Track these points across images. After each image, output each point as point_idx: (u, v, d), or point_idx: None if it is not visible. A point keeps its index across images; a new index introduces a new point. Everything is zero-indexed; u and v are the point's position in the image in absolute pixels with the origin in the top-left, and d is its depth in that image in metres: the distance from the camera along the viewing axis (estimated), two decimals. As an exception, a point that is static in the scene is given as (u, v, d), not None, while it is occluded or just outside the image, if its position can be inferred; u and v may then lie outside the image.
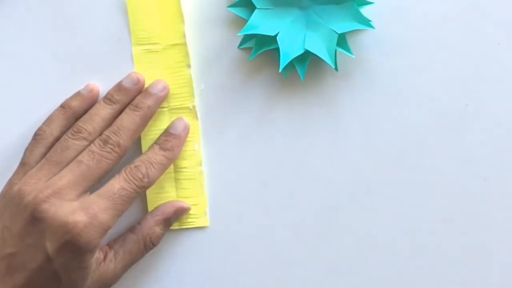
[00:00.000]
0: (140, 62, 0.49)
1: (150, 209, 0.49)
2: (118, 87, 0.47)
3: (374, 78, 0.48)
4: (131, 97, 0.47)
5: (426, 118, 0.48)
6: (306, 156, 0.48)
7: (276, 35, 0.46)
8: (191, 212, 0.49)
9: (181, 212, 0.48)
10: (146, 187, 0.45)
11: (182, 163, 0.49)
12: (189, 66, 0.49)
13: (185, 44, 0.49)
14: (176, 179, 0.49)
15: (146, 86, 0.48)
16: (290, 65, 0.47)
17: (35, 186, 0.43)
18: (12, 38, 0.49)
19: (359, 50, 0.48)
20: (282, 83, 0.48)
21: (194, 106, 0.49)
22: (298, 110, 0.48)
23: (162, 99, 0.48)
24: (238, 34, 0.47)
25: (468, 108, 0.47)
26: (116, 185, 0.44)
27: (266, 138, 0.49)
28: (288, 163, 0.48)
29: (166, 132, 0.48)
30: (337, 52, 0.47)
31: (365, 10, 0.47)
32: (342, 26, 0.46)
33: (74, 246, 0.42)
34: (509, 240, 0.48)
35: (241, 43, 0.48)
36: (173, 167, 0.48)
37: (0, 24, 0.49)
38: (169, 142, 0.47)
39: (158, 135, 0.48)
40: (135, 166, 0.45)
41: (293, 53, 0.46)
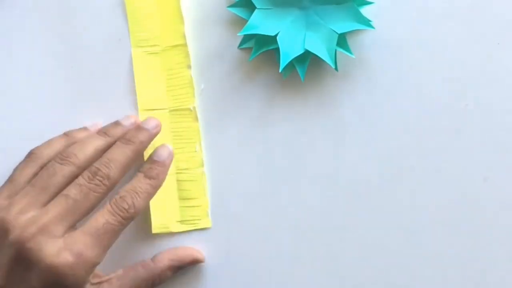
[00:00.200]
0: (139, 64, 0.49)
1: (153, 212, 0.48)
2: (115, 124, 0.47)
3: (374, 78, 0.48)
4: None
5: (426, 118, 0.48)
6: (306, 156, 0.48)
7: (276, 35, 0.46)
8: (194, 213, 0.49)
9: (195, 262, 0.48)
10: (132, 218, 0.43)
11: (184, 165, 0.49)
12: (189, 67, 0.49)
13: (185, 45, 0.48)
14: (178, 181, 0.49)
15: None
16: (290, 65, 0.47)
17: (19, 221, 0.42)
18: (12, 38, 0.49)
19: (359, 50, 0.48)
20: (282, 83, 0.48)
21: (195, 108, 0.49)
22: (298, 110, 0.48)
23: (154, 136, 0.47)
24: (238, 34, 0.47)
25: (468, 108, 0.47)
26: (100, 219, 0.42)
27: (266, 138, 0.49)
28: (288, 163, 0.48)
29: (150, 159, 0.46)
30: (337, 52, 0.47)
31: (365, 10, 0.47)
32: (342, 26, 0.46)
33: (61, 287, 0.41)
34: (509, 240, 0.48)
35: (241, 43, 0.48)
36: (174, 169, 0.48)
37: (0, 24, 0.49)
38: (153, 169, 0.45)
39: (158, 138, 0.47)
40: (120, 197, 0.43)
41: (293, 53, 0.46)
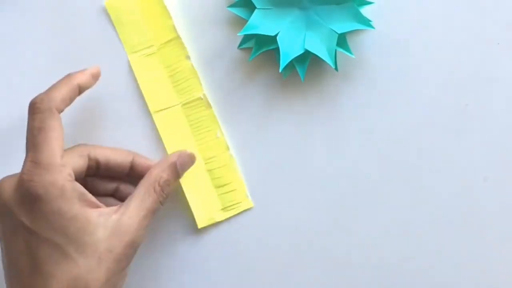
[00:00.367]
0: (139, 69, 0.49)
1: (194, 207, 0.49)
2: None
3: (374, 78, 0.48)
4: None
5: (426, 118, 0.48)
6: (306, 156, 0.48)
7: (276, 35, 0.46)
8: (233, 198, 0.49)
9: (184, 156, 0.47)
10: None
11: (210, 153, 0.49)
12: (188, 58, 0.49)
13: (178, 37, 0.48)
14: (208, 171, 0.49)
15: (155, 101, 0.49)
16: (290, 65, 0.47)
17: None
18: (12, 38, 0.49)
19: (359, 50, 0.48)
20: (282, 83, 0.48)
21: (205, 95, 0.49)
22: (298, 110, 0.48)
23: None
24: (238, 34, 0.47)
25: (468, 108, 0.47)
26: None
27: (266, 138, 0.49)
28: (288, 163, 0.48)
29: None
30: (337, 52, 0.47)
31: (365, 10, 0.47)
32: (342, 26, 0.46)
33: None
34: (509, 239, 0.48)
35: (241, 43, 0.48)
36: (202, 160, 0.49)
37: (0, 24, 0.49)
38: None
39: (177, 134, 0.48)
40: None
41: (293, 53, 0.46)
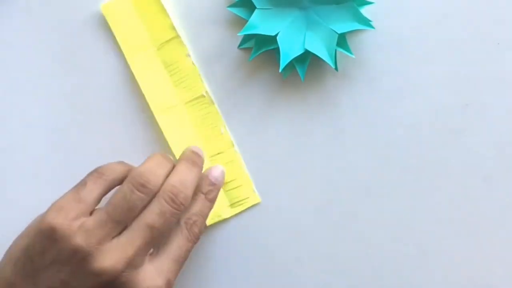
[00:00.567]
0: (139, 70, 0.48)
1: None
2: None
3: (374, 78, 0.48)
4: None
5: (426, 118, 0.48)
6: (306, 155, 0.48)
7: (276, 35, 0.46)
8: (240, 194, 0.49)
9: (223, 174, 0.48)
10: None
11: (215, 150, 0.48)
12: (188, 56, 0.48)
13: (177, 36, 0.48)
14: None
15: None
16: (290, 65, 0.47)
17: (106, 253, 0.41)
18: (12, 38, 0.49)
19: (359, 50, 0.48)
20: (282, 83, 0.48)
21: (207, 92, 0.48)
22: (298, 110, 0.48)
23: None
24: (238, 34, 0.47)
25: (468, 108, 0.47)
26: (183, 246, 0.44)
27: (266, 138, 0.49)
28: (287, 163, 0.48)
29: (209, 181, 0.46)
30: (337, 52, 0.47)
31: (365, 10, 0.47)
32: (342, 26, 0.46)
33: None
34: (509, 239, 0.48)
35: (241, 43, 0.48)
36: (208, 157, 0.48)
37: (0, 24, 0.49)
38: (213, 192, 0.46)
39: (182, 133, 0.48)
40: (194, 222, 0.45)
41: (293, 53, 0.46)
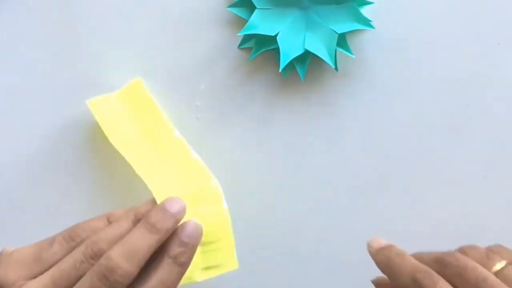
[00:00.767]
0: (132, 159, 0.44)
1: None
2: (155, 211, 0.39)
3: (374, 78, 0.48)
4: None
5: (426, 118, 0.48)
6: (306, 155, 0.48)
7: (276, 35, 0.46)
8: (218, 256, 0.42)
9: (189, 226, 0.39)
10: None
11: (202, 206, 0.41)
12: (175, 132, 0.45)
13: (166, 120, 0.45)
14: None
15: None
16: (290, 65, 0.47)
17: None
18: (12, 38, 0.49)
19: (359, 50, 0.48)
20: (282, 83, 0.48)
21: (178, 137, 0.45)
22: (298, 110, 0.48)
23: (177, 223, 0.39)
24: (238, 34, 0.47)
25: (468, 108, 0.47)
26: None
27: (266, 137, 0.49)
28: (288, 163, 0.48)
29: (180, 240, 0.38)
30: (337, 52, 0.47)
31: (365, 10, 0.47)
32: (342, 26, 0.46)
33: None
34: (509, 239, 0.48)
35: (241, 43, 0.48)
36: (192, 213, 0.40)
37: (0, 24, 0.49)
38: (184, 254, 0.38)
39: (165, 181, 0.42)
40: None
41: (293, 53, 0.46)
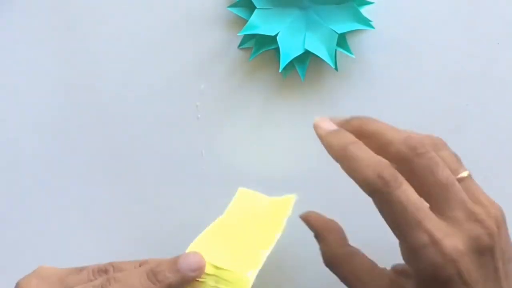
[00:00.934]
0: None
1: None
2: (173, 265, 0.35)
3: (374, 78, 0.48)
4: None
5: (426, 118, 0.48)
6: (306, 155, 0.48)
7: (276, 35, 0.46)
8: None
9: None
10: None
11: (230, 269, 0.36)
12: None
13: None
14: None
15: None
16: (290, 65, 0.47)
17: None
18: (12, 38, 0.49)
19: (359, 50, 0.48)
20: (282, 83, 0.48)
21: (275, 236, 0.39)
22: (298, 110, 0.48)
23: (188, 281, 0.35)
24: (238, 34, 0.47)
25: (468, 108, 0.47)
26: None
27: (266, 137, 0.49)
28: (288, 163, 0.48)
29: (172, 267, 0.35)
30: (337, 52, 0.47)
31: (365, 10, 0.47)
32: (342, 26, 0.46)
33: None
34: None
35: (241, 43, 0.48)
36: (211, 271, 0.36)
37: (0, 24, 0.50)
38: (169, 279, 0.35)
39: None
40: None
41: (293, 53, 0.46)
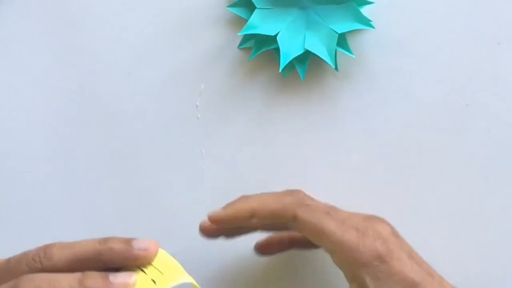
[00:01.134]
0: None
1: None
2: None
3: (374, 78, 0.48)
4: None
5: (427, 118, 0.48)
6: (306, 155, 0.48)
7: (276, 35, 0.46)
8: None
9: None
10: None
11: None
12: None
13: None
14: None
15: None
16: (290, 65, 0.47)
17: None
18: (12, 38, 0.49)
19: (359, 50, 0.48)
20: (282, 83, 0.48)
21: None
22: (298, 110, 0.48)
23: (134, 257, 0.34)
24: (238, 34, 0.47)
25: (468, 108, 0.47)
26: None
27: (266, 138, 0.49)
28: (288, 163, 0.48)
29: (128, 241, 0.34)
30: (337, 52, 0.47)
31: (365, 10, 0.47)
32: (342, 26, 0.46)
33: None
34: (509, 239, 0.47)
35: (241, 43, 0.48)
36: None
37: (0, 24, 0.50)
38: (113, 243, 0.34)
39: None
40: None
41: (293, 53, 0.46)
